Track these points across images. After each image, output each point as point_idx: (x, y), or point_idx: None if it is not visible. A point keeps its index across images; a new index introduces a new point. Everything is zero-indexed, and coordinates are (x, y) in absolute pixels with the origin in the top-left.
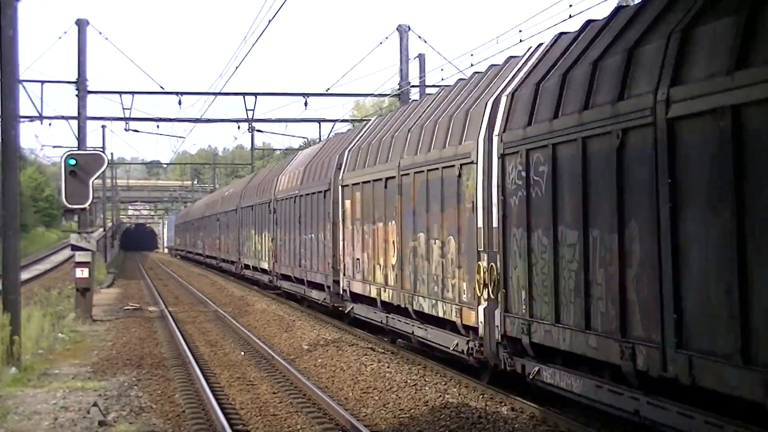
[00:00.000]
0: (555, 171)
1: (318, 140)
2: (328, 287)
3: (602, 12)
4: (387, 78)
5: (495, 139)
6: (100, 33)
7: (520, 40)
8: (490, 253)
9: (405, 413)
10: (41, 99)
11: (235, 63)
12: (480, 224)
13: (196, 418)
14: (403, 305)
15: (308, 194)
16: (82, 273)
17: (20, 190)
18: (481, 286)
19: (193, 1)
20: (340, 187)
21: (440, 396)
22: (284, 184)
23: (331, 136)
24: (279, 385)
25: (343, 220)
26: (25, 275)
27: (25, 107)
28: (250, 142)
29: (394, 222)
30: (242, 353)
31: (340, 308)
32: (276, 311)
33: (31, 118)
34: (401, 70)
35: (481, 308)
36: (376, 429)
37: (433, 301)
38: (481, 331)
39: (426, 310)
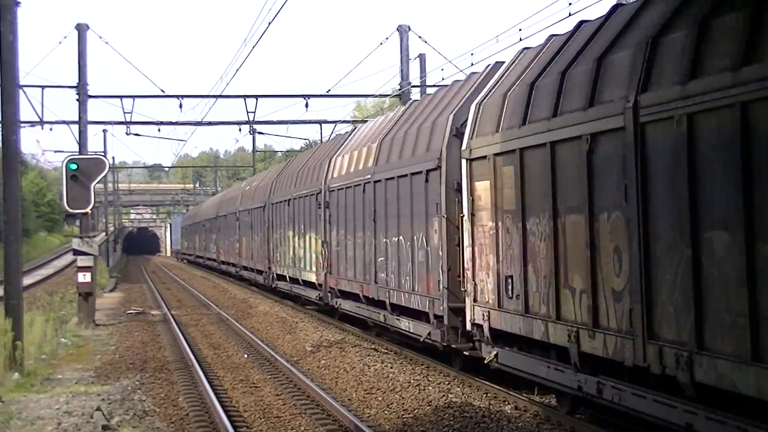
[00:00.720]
0: None
1: (320, 141)
2: (438, 317)
3: (600, 11)
4: (388, 78)
5: None
6: (101, 37)
7: (520, 39)
8: None
9: (409, 413)
10: (42, 104)
11: (236, 65)
12: None
13: (199, 421)
14: (656, 369)
15: (392, 178)
16: (84, 277)
17: (22, 195)
18: None
19: (193, 4)
20: (464, 161)
21: (444, 396)
22: (342, 167)
23: (332, 136)
24: (282, 387)
25: (473, 213)
26: (27, 280)
27: (25, 112)
28: (251, 144)
29: (618, 213)
30: (245, 356)
31: (467, 352)
32: (279, 313)
33: (32, 123)
34: (402, 70)
35: None
36: (379, 430)
37: None
38: None
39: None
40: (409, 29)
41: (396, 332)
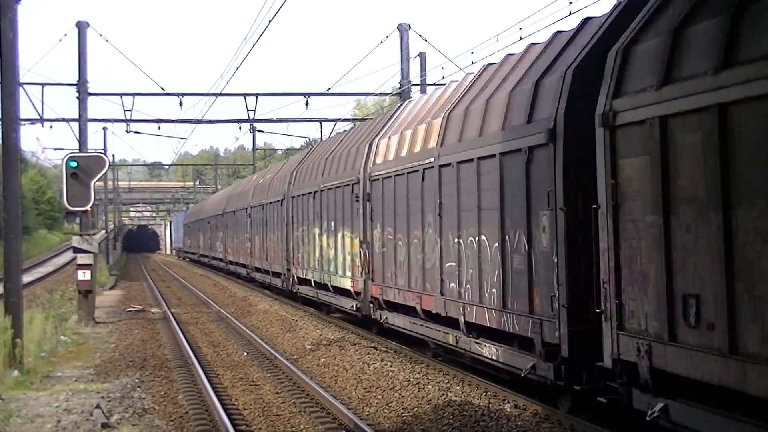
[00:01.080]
0: None
1: (320, 139)
2: (549, 345)
3: (601, 9)
4: (388, 77)
5: None
6: (101, 35)
7: (520, 38)
8: None
9: (408, 412)
10: (42, 101)
11: (236, 63)
12: None
13: (199, 420)
14: None
15: (468, 160)
16: (84, 275)
17: (22, 193)
18: None
19: (193, 2)
20: (601, 131)
21: (443, 394)
22: (389, 151)
23: (332, 134)
24: (282, 385)
25: (617, 203)
26: (27, 278)
27: (26, 110)
28: (251, 142)
29: None
30: (245, 354)
31: (603, 398)
32: (278, 311)
33: (32, 121)
34: (402, 68)
35: None
36: (379, 428)
37: None
38: None
39: None
40: (410, 28)
41: (473, 359)
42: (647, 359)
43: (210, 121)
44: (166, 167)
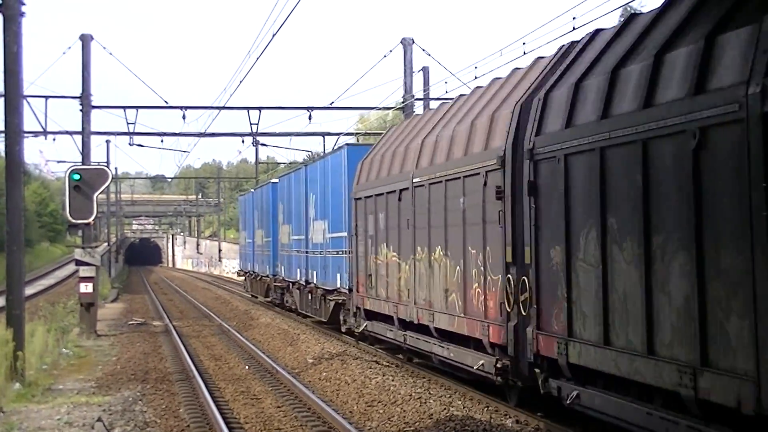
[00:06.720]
0: None
1: (323, 153)
2: None
3: (605, 24)
4: (391, 91)
5: None
6: (104, 48)
7: (524, 53)
8: None
9: (410, 426)
10: (45, 114)
11: (240, 77)
12: None
13: None
14: None
15: None
16: (86, 288)
17: (24, 205)
18: None
19: (198, 16)
20: None
21: (445, 409)
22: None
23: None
24: (284, 399)
25: None
26: (29, 290)
27: (29, 122)
28: (254, 155)
29: None
30: (247, 367)
31: None
32: (280, 325)
33: (36, 134)
34: (405, 83)
35: None
36: None
37: None
38: None
39: None
40: (413, 42)
41: None
42: None
43: (213, 135)
44: (169, 180)
